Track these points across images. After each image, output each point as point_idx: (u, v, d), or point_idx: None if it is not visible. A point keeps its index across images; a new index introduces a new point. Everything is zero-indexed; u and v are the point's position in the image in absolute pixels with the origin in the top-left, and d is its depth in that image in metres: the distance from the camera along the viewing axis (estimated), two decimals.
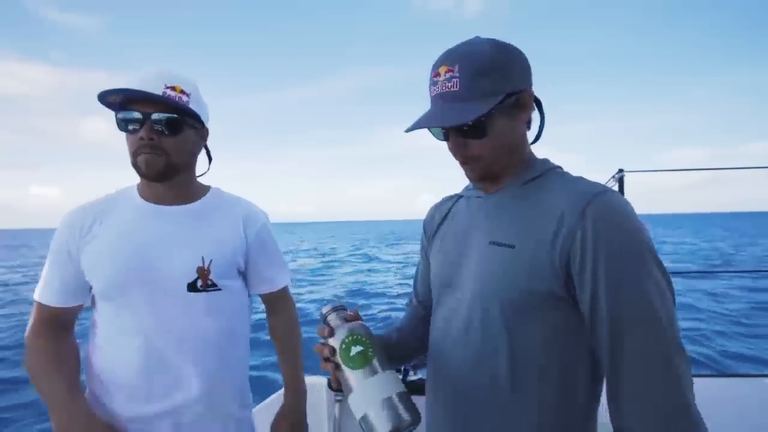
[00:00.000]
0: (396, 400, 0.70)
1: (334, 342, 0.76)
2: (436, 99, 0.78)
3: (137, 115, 0.99)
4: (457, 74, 0.74)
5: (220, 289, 1.09)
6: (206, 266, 1.07)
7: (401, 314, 1.15)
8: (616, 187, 2.53)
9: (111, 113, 1.02)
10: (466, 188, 0.97)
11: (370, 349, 0.74)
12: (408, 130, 0.79)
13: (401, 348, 0.98)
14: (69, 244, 1.04)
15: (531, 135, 0.86)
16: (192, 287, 1.05)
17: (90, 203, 1.10)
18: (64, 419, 0.96)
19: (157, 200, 1.09)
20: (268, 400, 1.83)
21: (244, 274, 1.18)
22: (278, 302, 1.28)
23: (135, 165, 1.03)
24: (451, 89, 0.75)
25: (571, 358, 0.74)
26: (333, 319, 0.79)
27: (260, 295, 1.26)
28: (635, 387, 0.66)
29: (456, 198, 0.99)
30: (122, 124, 1.01)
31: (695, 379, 0.66)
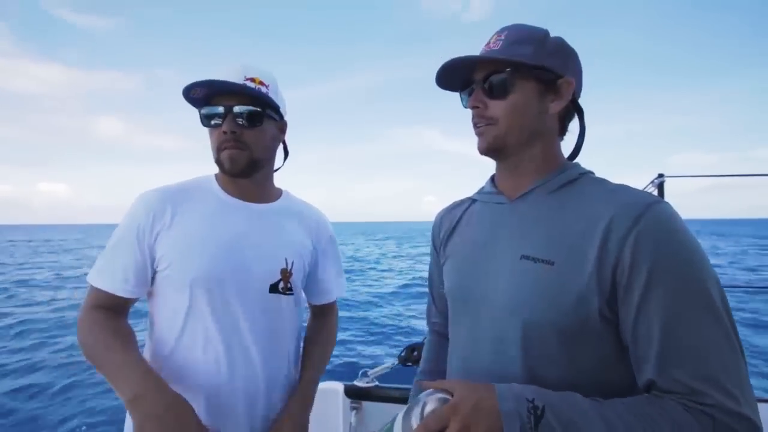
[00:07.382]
0: None
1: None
2: None
3: (219, 109, 0.98)
4: (503, 38, 0.77)
5: (293, 294, 1.08)
6: (289, 269, 1.05)
7: None
8: (655, 194, 2.38)
9: (124, 113, 1.04)
10: (481, 192, 0.91)
11: None
12: (438, 78, 0.81)
13: None
14: (144, 226, 0.96)
15: (566, 147, 0.83)
16: (273, 288, 1.03)
17: (166, 188, 1.03)
18: (143, 388, 0.82)
19: (242, 196, 1.07)
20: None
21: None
22: (326, 309, 1.26)
23: (218, 161, 1.02)
24: (492, 48, 0.78)
25: (621, 379, 0.67)
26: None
27: (310, 305, 1.25)
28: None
29: (469, 202, 0.93)
30: (205, 120, 1.01)
31: None
